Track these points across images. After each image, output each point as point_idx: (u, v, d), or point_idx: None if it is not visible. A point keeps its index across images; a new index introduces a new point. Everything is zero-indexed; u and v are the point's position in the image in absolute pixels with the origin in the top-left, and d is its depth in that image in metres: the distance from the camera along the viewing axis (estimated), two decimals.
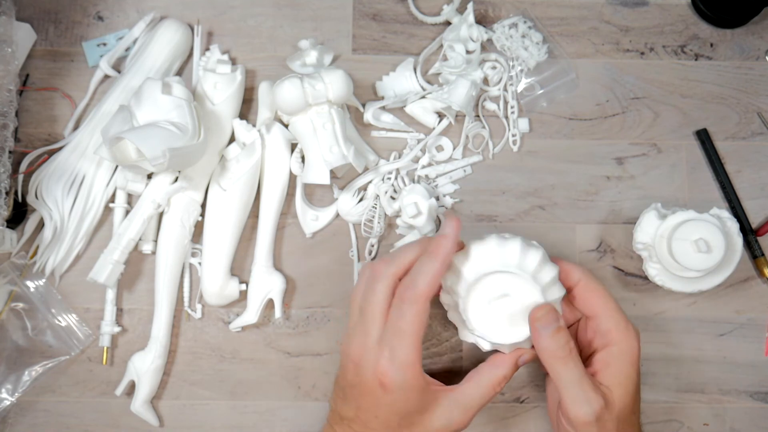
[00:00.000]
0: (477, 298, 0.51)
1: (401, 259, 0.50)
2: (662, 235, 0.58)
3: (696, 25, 0.67)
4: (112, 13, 0.65)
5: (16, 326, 0.60)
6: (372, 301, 0.49)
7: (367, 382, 0.49)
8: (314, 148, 0.58)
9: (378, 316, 0.49)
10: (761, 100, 0.65)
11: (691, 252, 0.57)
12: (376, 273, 0.50)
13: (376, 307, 0.49)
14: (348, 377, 0.51)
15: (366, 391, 0.49)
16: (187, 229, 0.59)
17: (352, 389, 0.50)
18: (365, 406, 0.50)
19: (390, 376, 0.48)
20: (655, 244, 0.59)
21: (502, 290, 0.50)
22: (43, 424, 0.59)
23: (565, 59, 0.65)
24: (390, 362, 0.48)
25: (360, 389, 0.50)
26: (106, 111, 0.61)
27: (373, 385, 0.49)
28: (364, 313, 0.50)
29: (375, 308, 0.49)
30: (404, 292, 0.49)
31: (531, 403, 0.61)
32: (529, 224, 0.63)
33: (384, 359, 0.48)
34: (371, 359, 0.49)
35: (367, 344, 0.49)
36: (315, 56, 0.62)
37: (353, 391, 0.50)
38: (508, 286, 0.50)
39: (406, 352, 0.48)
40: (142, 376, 0.58)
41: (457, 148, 0.63)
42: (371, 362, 0.49)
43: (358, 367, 0.49)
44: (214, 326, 0.61)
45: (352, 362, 0.50)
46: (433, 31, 0.66)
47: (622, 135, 0.64)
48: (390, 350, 0.48)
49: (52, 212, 0.60)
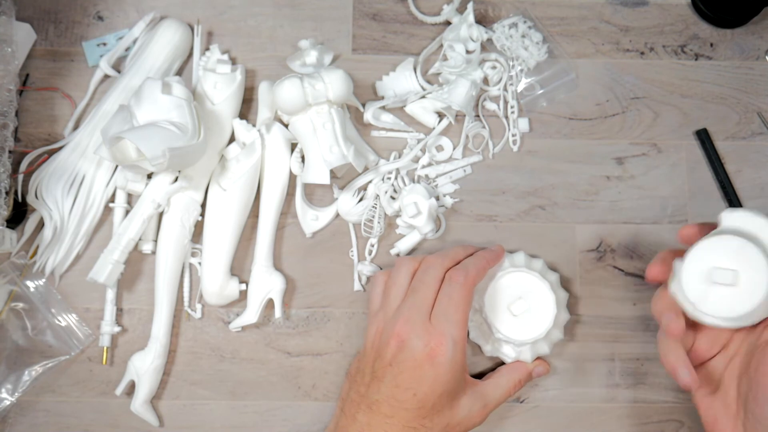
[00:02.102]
0: (497, 306, 0.57)
1: (453, 255, 0.56)
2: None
3: (696, 25, 0.67)
4: (112, 13, 0.65)
5: (16, 326, 0.60)
6: (424, 281, 0.54)
7: (415, 357, 0.50)
8: (314, 148, 0.58)
9: (429, 294, 0.53)
10: (761, 100, 0.65)
11: (707, 289, 0.46)
12: (428, 263, 0.55)
13: (427, 286, 0.53)
14: (388, 355, 0.51)
15: (410, 366, 0.51)
16: (187, 229, 0.59)
17: (392, 367, 0.51)
18: (405, 384, 0.50)
19: (443, 349, 0.50)
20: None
21: (516, 294, 0.57)
22: (43, 424, 0.59)
23: (565, 59, 0.65)
24: (443, 336, 0.51)
25: (402, 366, 0.51)
26: (106, 111, 0.61)
27: (421, 359, 0.50)
28: (414, 291, 0.54)
29: (425, 287, 0.53)
30: (456, 274, 0.53)
31: (531, 403, 0.61)
32: (529, 224, 0.63)
33: (436, 333, 0.51)
34: (422, 332, 0.51)
35: (416, 319, 0.52)
36: (315, 56, 0.62)
37: (392, 369, 0.51)
38: (520, 289, 0.57)
39: (459, 328, 0.52)
40: (142, 376, 0.58)
41: (457, 148, 0.63)
42: (421, 335, 0.51)
43: (404, 343, 0.51)
44: (214, 326, 0.61)
45: (396, 339, 0.51)
46: (433, 31, 0.66)
47: (622, 135, 0.64)
48: (445, 322, 0.51)
49: (52, 212, 0.60)
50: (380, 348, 0.53)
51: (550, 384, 0.61)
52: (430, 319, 0.52)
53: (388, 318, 0.54)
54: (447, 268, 0.55)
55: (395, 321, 0.52)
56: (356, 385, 0.53)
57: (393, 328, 0.52)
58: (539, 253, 0.62)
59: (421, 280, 0.54)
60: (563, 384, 0.61)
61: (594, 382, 0.61)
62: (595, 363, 0.61)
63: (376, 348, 0.53)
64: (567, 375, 0.61)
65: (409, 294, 0.54)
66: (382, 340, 0.53)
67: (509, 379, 0.57)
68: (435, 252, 0.58)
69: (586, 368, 0.61)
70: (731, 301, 0.45)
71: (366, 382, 0.52)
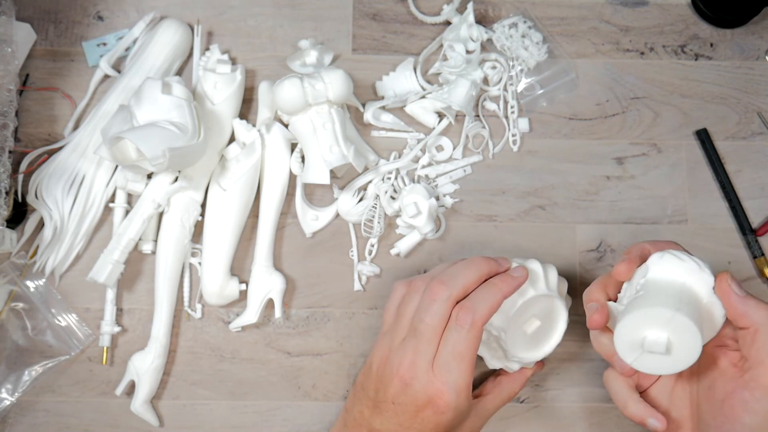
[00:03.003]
0: (516, 329, 0.53)
1: (460, 283, 0.50)
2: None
3: (696, 25, 0.67)
4: (112, 13, 0.65)
5: (16, 326, 0.60)
6: (428, 323, 0.49)
7: (417, 402, 0.49)
8: (314, 147, 0.58)
9: (434, 337, 0.49)
10: (761, 100, 0.65)
11: (641, 353, 0.46)
12: (433, 294, 0.50)
13: (431, 329, 0.49)
14: (390, 393, 0.49)
15: (412, 410, 0.49)
16: (187, 229, 0.59)
17: (394, 406, 0.49)
18: (407, 423, 0.49)
19: (446, 400, 0.48)
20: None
21: (530, 313, 0.53)
22: (43, 424, 0.59)
23: (565, 59, 0.65)
24: (447, 386, 0.48)
25: (405, 407, 0.49)
26: (106, 111, 0.61)
27: (423, 405, 0.48)
28: (417, 333, 0.49)
29: (430, 330, 0.49)
30: (464, 315, 0.49)
31: (531, 403, 0.61)
32: (529, 224, 0.63)
33: (440, 382, 0.48)
34: (424, 380, 0.48)
35: (421, 364, 0.49)
36: (315, 56, 0.62)
37: (395, 408, 0.49)
38: (534, 308, 0.53)
39: (464, 377, 0.48)
40: (142, 376, 0.58)
41: (457, 148, 0.63)
42: (424, 383, 0.48)
43: (407, 386, 0.49)
44: (214, 326, 0.61)
45: (399, 380, 0.49)
46: (433, 31, 0.66)
47: (622, 135, 0.64)
48: (447, 373, 0.48)
49: (52, 212, 0.60)
50: (383, 380, 0.50)
51: (550, 384, 0.61)
52: (433, 367, 0.49)
53: (393, 348, 0.51)
54: (455, 301, 0.50)
55: (399, 360, 0.49)
56: (359, 403, 0.52)
57: (397, 368, 0.49)
58: (539, 253, 0.62)
59: (423, 319, 0.50)
60: (563, 384, 0.61)
61: (594, 382, 0.61)
62: (595, 363, 0.61)
63: (380, 377, 0.51)
64: (567, 375, 0.61)
65: (412, 333, 0.50)
66: (386, 373, 0.50)
67: (510, 390, 0.57)
68: (437, 250, 0.56)
69: (586, 368, 0.61)
70: (667, 363, 0.45)
71: (369, 405, 0.51)
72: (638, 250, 0.50)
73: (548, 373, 0.61)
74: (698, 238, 0.63)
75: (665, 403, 0.51)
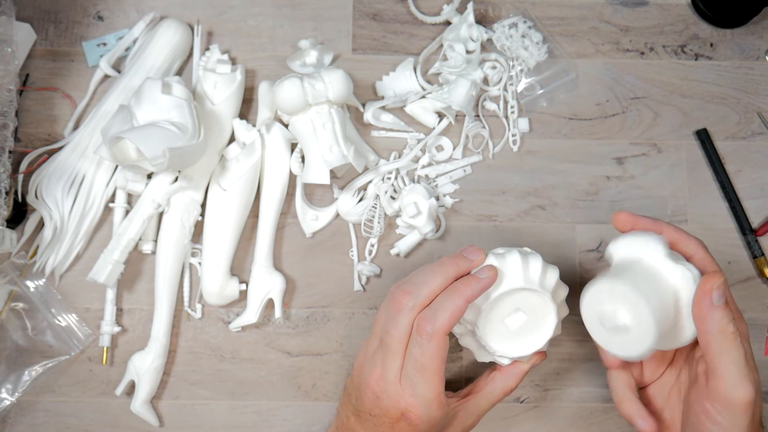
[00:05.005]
0: (492, 322, 0.51)
1: (425, 291, 0.49)
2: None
3: (696, 25, 0.67)
4: (112, 13, 0.65)
5: (16, 326, 0.60)
6: (393, 334, 0.49)
7: (390, 414, 0.48)
8: (314, 147, 0.58)
9: (399, 348, 0.48)
10: (761, 100, 0.65)
11: (607, 333, 0.46)
12: (398, 304, 0.49)
13: (397, 340, 0.48)
14: (366, 404, 0.49)
15: (388, 421, 0.49)
16: (187, 229, 0.59)
17: (372, 417, 0.49)
18: None
19: (416, 413, 0.48)
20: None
21: (513, 306, 0.50)
22: (43, 424, 0.59)
23: (565, 59, 0.65)
24: (415, 399, 0.48)
25: (381, 419, 0.49)
26: (106, 111, 0.61)
27: (396, 418, 0.48)
28: (384, 345, 0.49)
29: (395, 341, 0.48)
30: (424, 325, 0.47)
31: (531, 403, 0.61)
32: (529, 224, 0.63)
33: (407, 396, 0.48)
34: (393, 394, 0.48)
35: (388, 378, 0.48)
36: (315, 56, 0.62)
37: (373, 420, 0.49)
38: (518, 301, 0.50)
39: (431, 388, 0.48)
40: (142, 376, 0.58)
41: (457, 148, 0.63)
42: (393, 397, 0.48)
43: (379, 400, 0.49)
44: (214, 326, 0.61)
45: (371, 392, 0.49)
46: (433, 31, 0.66)
47: (622, 135, 0.64)
48: (413, 386, 0.48)
49: (52, 212, 0.60)
50: (360, 390, 0.50)
51: (550, 384, 0.61)
52: (401, 381, 0.48)
53: (367, 358, 0.51)
54: (419, 310, 0.49)
55: (370, 372, 0.49)
56: (346, 409, 0.52)
57: (368, 379, 0.49)
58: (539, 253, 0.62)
59: (388, 332, 0.49)
60: (563, 384, 0.61)
61: (594, 382, 0.61)
62: (595, 363, 0.61)
63: (357, 386, 0.51)
64: (567, 375, 0.61)
65: (380, 345, 0.50)
66: (361, 384, 0.50)
67: (503, 386, 0.53)
68: (437, 250, 0.56)
69: (586, 368, 0.61)
70: (630, 342, 0.45)
71: (353, 412, 0.51)
72: (644, 222, 0.49)
73: (548, 373, 0.61)
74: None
75: (660, 403, 0.51)
